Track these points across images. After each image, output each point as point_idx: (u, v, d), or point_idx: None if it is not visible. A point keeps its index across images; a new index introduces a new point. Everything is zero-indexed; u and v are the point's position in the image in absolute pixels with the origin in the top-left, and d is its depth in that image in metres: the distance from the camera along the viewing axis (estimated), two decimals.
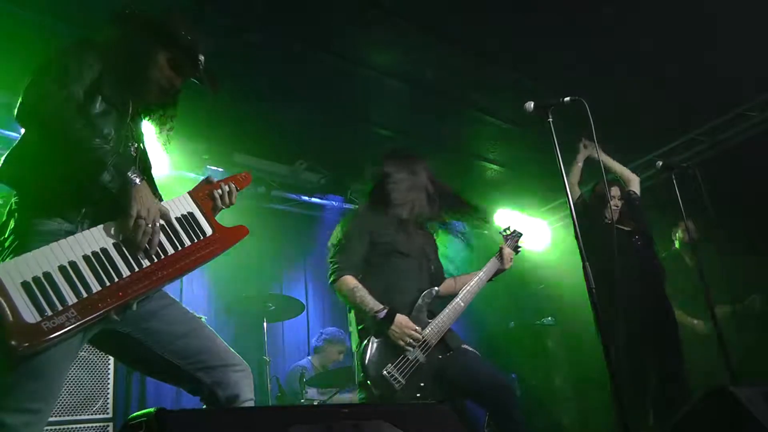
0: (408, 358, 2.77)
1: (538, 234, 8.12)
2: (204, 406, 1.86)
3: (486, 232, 8.23)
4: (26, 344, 1.46)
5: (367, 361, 2.73)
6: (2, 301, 1.47)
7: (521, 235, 3.57)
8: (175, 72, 2.15)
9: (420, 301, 3.03)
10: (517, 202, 7.77)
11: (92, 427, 3.39)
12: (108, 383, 3.54)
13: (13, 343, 1.45)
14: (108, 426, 3.45)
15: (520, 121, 5.90)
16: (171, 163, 5.55)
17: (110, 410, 3.49)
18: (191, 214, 2.00)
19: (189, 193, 2.09)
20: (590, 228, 3.90)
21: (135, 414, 1.16)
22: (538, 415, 6.44)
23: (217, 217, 2.15)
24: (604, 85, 5.10)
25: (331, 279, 3.02)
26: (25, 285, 1.50)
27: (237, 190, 2.26)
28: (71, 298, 1.57)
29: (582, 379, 6.46)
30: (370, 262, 3.09)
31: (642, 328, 3.76)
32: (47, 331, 1.50)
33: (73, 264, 1.61)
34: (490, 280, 3.32)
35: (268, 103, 5.34)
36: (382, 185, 3.27)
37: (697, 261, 3.79)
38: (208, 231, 1.99)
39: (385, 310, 2.83)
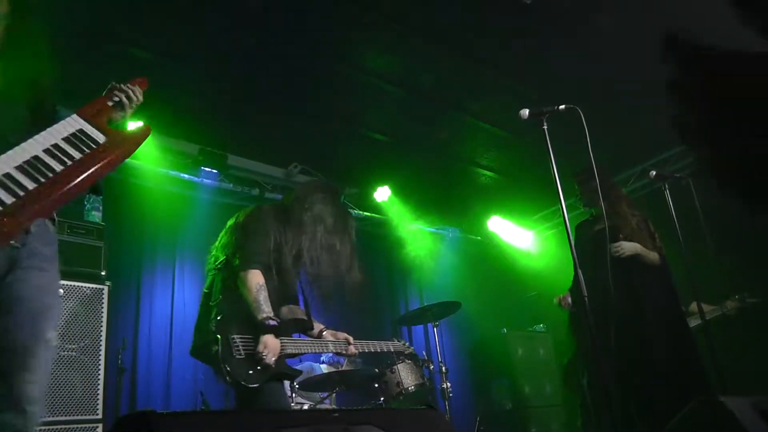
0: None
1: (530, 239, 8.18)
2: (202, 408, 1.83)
3: (479, 237, 8.28)
4: None
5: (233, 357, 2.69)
6: None
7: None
8: None
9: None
10: (509, 209, 7.80)
11: (82, 428, 3.37)
12: (98, 384, 3.53)
13: None
14: (98, 427, 3.44)
15: (514, 128, 5.93)
16: (165, 164, 5.55)
17: (100, 411, 3.48)
18: (80, 131, 1.87)
19: (77, 112, 1.95)
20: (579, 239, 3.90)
21: (123, 416, 1.15)
22: (528, 421, 6.45)
23: None
24: (600, 93, 5.14)
25: (242, 266, 2.92)
26: None
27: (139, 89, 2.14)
28: None
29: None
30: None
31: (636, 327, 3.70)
32: None
33: None
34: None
35: (263, 106, 5.34)
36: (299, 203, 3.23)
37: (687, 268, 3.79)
38: (101, 139, 1.88)
39: (275, 324, 2.80)
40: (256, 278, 2.88)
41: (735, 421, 2.23)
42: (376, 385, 4.41)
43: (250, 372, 2.68)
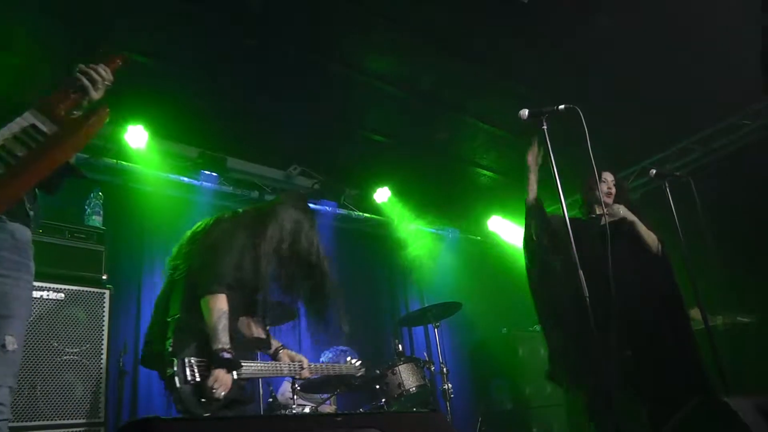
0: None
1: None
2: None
3: (479, 238, 8.27)
4: None
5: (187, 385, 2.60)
6: None
7: None
8: None
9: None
10: (509, 209, 7.79)
11: (84, 431, 3.37)
12: (100, 388, 3.52)
13: None
14: (100, 430, 3.44)
15: (514, 128, 5.93)
16: (165, 168, 5.55)
17: (102, 415, 3.47)
18: (32, 126, 1.79)
19: (35, 106, 1.84)
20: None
21: (126, 423, 1.15)
22: (530, 421, 6.44)
23: None
24: (599, 92, 5.14)
25: (207, 289, 2.77)
26: None
27: (107, 67, 1.98)
28: None
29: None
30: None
31: (641, 324, 3.68)
32: None
33: None
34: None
35: (263, 107, 5.34)
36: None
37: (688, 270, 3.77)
38: (53, 131, 1.79)
39: (229, 357, 2.69)
40: (219, 304, 2.74)
41: (738, 421, 2.24)
42: (377, 387, 4.40)
43: (202, 400, 2.60)
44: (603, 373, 2.96)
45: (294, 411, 3.94)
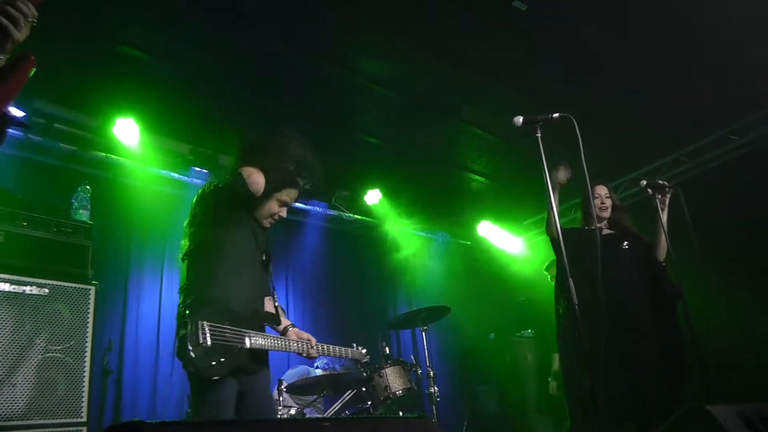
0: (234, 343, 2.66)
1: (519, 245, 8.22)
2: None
3: (469, 242, 8.29)
4: None
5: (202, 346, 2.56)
6: None
7: None
8: None
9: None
10: (500, 214, 7.82)
11: (66, 431, 3.32)
12: (83, 387, 3.47)
13: None
14: (82, 430, 3.39)
15: (506, 134, 5.94)
16: (156, 163, 5.50)
17: (84, 414, 3.42)
18: None
19: None
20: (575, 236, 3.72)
21: (111, 426, 1.13)
22: (515, 426, 6.46)
23: None
24: (592, 102, 5.17)
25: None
26: None
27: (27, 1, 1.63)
28: None
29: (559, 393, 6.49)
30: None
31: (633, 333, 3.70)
32: None
33: None
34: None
35: (256, 107, 5.31)
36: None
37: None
38: None
39: None
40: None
41: (721, 429, 2.25)
42: (364, 389, 4.39)
43: (213, 363, 2.55)
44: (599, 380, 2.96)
45: (280, 413, 3.92)
